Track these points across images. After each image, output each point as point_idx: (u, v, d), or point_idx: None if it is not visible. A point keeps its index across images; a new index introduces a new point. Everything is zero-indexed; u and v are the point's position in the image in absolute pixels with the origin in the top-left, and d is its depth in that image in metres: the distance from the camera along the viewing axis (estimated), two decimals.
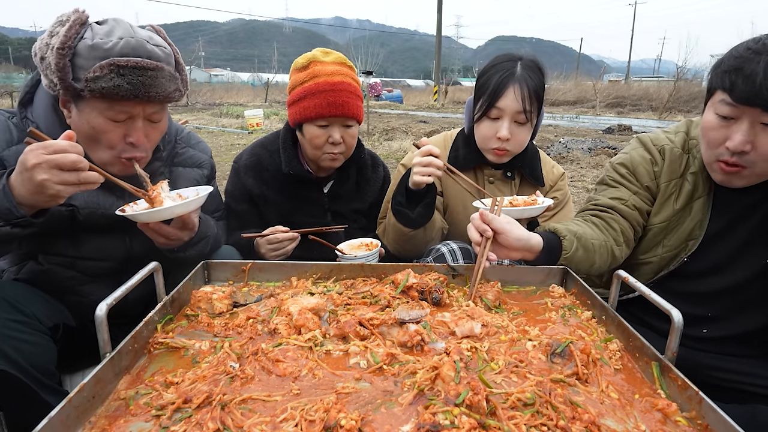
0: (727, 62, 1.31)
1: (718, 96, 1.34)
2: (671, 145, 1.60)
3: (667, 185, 1.58)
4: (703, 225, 1.53)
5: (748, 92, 1.24)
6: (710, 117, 1.38)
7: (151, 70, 1.34)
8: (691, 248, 1.54)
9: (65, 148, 1.13)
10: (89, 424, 0.91)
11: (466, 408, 0.89)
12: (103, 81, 1.28)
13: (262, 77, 35.67)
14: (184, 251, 1.59)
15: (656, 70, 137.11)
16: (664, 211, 1.58)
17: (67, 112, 1.41)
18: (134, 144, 1.42)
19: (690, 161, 1.56)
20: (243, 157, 2.15)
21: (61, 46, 1.27)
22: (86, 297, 1.57)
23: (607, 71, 74.88)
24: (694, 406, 0.97)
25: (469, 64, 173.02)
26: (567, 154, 8.82)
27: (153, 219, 1.40)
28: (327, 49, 2.06)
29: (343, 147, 2.00)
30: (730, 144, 1.32)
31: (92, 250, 1.54)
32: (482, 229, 1.39)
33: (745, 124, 1.29)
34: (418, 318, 1.25)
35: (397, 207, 1.84)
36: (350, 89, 1.94)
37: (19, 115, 1.47)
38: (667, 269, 1.59)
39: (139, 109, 1.39)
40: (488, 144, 1.84)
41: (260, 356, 1.09)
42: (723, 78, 1.31)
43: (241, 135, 12.12)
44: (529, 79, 1.75)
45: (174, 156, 1.72)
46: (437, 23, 35.89)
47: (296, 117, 1.98)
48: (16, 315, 1.30)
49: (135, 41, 1.34)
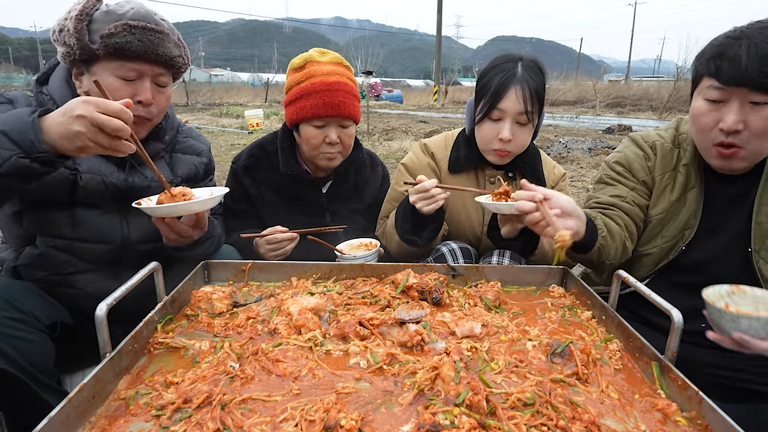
0: (710, 50, 1.38)
1: (705, 83, 1.40)
2: (661, 140, 1.67)
3: (662, 178, 1.64)
4: (697, 215, 1.58)
5: (734, 73, 1.30)
6: (699, 103, 1.43)
7: (159, 32, 1.48)
8: (688, 237, 1.59)
9: (116, 112, 1.15)
10: (89, 424, 0.91)
11: (466, 408, 0.89)
12: (117, 37, 1.41)
13: (262, 77, 35.65)
14: (191, 250, 1.61)
15: (656, 70, 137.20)
16: (661, 203, 1.63)
17: (79, 83, 1.51)
18: (143, 103, 1.51)
19: (681, 154, 1.63)
20: (241, 158, 2.16)
21: (79, 14, 1.41)
22: (81, 289, 1.58)
23: (607, 71, 74.90)
24: (694, 406, 0.97)
25: (469, 64, 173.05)
26: (567, 154, 8.82)
27: (171, 214, 1.43)
28: (324, 49, 2.06)
29: (340, 147, 2.00)
30: (724, 125, 1.36)
31: (89, 232, 1.56)
32: (531, 196, 1.37)
33: (735, 104, 1.34)
34: (418, 318, 1.25)
35: (405, 235, 1.84)
36: (346, 89, 1.94)
37: (35, 91, 1.57)
38: (666, 259, 1.62)
39: (148, 68, 1.50)
40: (490, 145, 1.84)
41: (260, 356, 1.09)
42: (708, 65, 1.37)
43: (241, 135, 12.11)
44: (530, 79, 1.75)
45: (175, 143, 1.79)
46: (437, 23, 35.90)
47: (293, 117, 1.98)
48: (13, 313, 1.30)
49: (144, 11, 1.50)
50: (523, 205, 1.38)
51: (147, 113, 1.53)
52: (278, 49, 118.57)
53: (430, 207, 1.70)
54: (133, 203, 1.44)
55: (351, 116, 1.97)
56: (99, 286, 1.57)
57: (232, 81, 59.95)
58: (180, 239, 1.54)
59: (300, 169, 2.09)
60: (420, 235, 1.83)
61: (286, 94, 2.02)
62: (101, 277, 1.60)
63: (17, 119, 1.15)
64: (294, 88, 1.97)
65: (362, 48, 60.49)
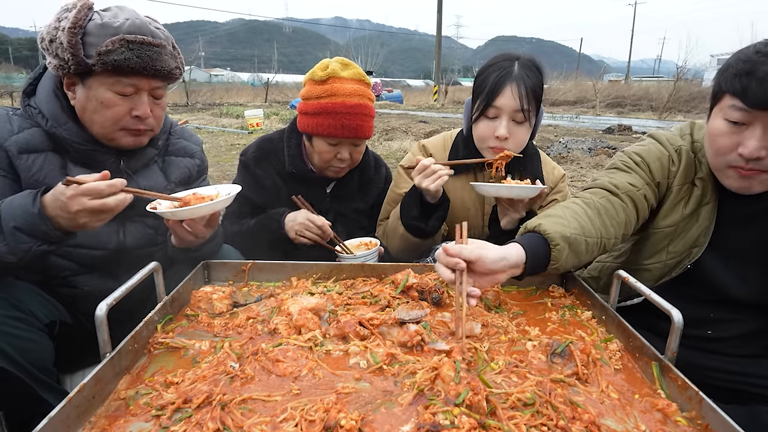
0: (736, 66, 1.25)
1: (728, 101, 1.27)
2: (687, 147, 1.53)
3: (680, 189, 1.51)
4: (708, 233, 1.48)
5: (763, 96, 1.18)
6: (719, 123, 1.31)
7: (156, 46, 1.45)
8: (695, 255, 1.49)
9: (103, 191, 1.21)
10: (89, 424, 0.91)
11: (466, 408, 0.89)
12: (114, 54, 1.38)
13: (262, 77, 35.58)
14: (200, 249, 1.61)
15: (656, 70, 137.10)
16: (673, 215, 1.52)
17: (72, 94, 1.48)
18: (140, 117, 1.50)
19: (698, 166, 1.50)
20: (250, 150, 2.19)
21: (72, 26, 1.37)
22: (79, 288, 1.58)
23: (607, 71, 74.82)
24: (694, 406, 0.97)
25: (469, 64, 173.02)
26: (567, 154, 8.81)
27: (194, 215, 1.44)
28: (345, 59, 2.07)
29: (349, 162, 2.07)
30: (744, 151, 1.26)
31: (86, 238, 1.55)
32: (452, 263, 1.17)
33: (759, 129, 1.23)
34: (418, 318, 1.25)
35: (411, 222, 1.85)
36: (365, 111, 1.99)
37: (22, 103, 1.54)
38: (669, 276, 1.55)
39: (145, 82, 1.48)
40: (486, 143, 1.83)
41: (260, 356, 1.09)
42: (733, 82, 1.24)
43: (241, 135, 12.11)
44: (527, 77, 1.75)
45: (168, 146, 1.79)
46: (437, 23, 35.89)
47: (308, 128, 2.02)
48: (12, 311, 1.30)
49: (140, 21, 1.46)
50: (441, 272, 1.20)
51: (145, 126, 1.53)
52: (278, 49, 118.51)
53: (435, 184, 1.72)
54: (148, 207, 1.43)
55: (365, 137, 2.04)
56: (96, 284, 1.58)
57: (232, 81, 59.95)
58: (195, 240, 1.54)
59: (305, 168, 2.12)
60: (426, 223, 1.84)
61: (303, 100, 2.04)
62: (98, 277, 1.60)
63: (24, 213, 1.23)
64: (314, 101, 1.99)
65: (362, 48, 60.46)
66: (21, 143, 1.44)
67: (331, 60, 2.05)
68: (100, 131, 1.49)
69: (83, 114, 1.47)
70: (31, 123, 1.48)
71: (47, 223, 1.23)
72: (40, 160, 1.46)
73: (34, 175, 1.45)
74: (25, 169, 1.44)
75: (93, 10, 1.44)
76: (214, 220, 1.55)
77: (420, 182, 1.74)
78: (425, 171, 1.73)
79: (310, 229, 1.92)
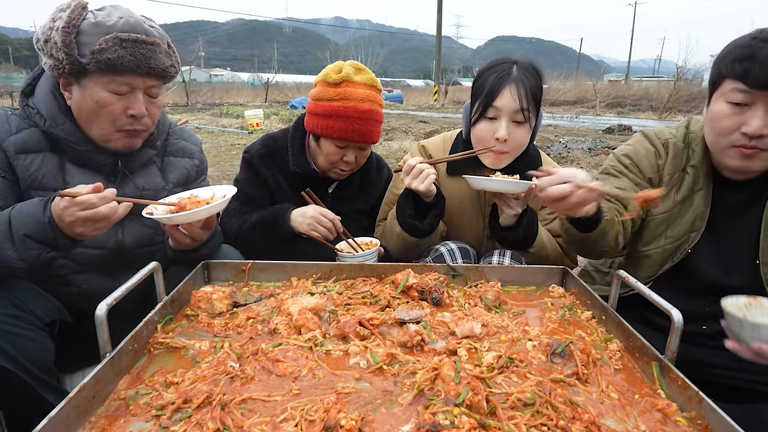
0: (734, 52, 1.35)
1: (729, 85, 1.36)
2: (674, 138, 1.63)
3: (670, 177, 1.61)
4: (704, 217, 1.55)
5: (763, 77, 1.28)
6: (720, 106, 1.39)
7: (150, 44, 1.44)
8: (694, 239, 1.56)
9: (95, 203, 1.22)
10: (89, 424, 0.91)
11: (466, 408, 0.89)
12: (108, 53, 1.38)
13: (262, 77, 35.55)
14: (198, 250, 1.61)
15: (656, 70, 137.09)
16: (665, 202, 1.61)
17: (68, 94, 1.47)
18: (136, 116, 1.49)
19: (690, 154, 1.60)
20: (255, 147, 2.19)
21: (66, 25, 1.37)
22: (78, 286, 1.58)
23: (607, 71, 74.81)
24: (694, 406, 0.97)
25: (469, 64, 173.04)
26: (567, 154, 8.82)
27: (189, 220, 1.44)
28: (358, 63, 2.07)
29: (354, 165, 2.08)
30: (749, 129, 1.33)
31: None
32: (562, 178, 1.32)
33: (761, 108, 1.32)
34: (418, 318, 1.25)
35: (406, 220, 1.85)
36: (376, 117, 2.01)
37: (20, 103, 1.54)
38: (671, 261, 1.60)
39: (140, 81, 1.47)
40: (486, 144, 1.83)
41: (260, 356, 1.09)
42: (734, 66, 1.34)
43: (241, 135, 12.11)
44: (526, 79, 1.76)
45: (167, 146, 1.78)
46: (437, 23, 35.88)
47: (317, 129, 2.02)
48: (12, 310, 1.30)
49: (134, 20, 1.45)
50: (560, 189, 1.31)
51: (141, 125, 1.52)
52: (278, 49, 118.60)
53: (425, 183, 1.73)
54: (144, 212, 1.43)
55: (373, 142, 2.05)
56: (95, 283, 1.58)
57: (232, 81, 59.89)
58: (193, 242, 1.54)
59: (309, 167, 2.13)
60: (422, 221, 1.84)
61: (314, 101, 2.04)
62: (97, 275, 1.60)
63: (34, 221, 1.25)
64: (325, 103, 1.99)
65: (362, 48, 60.46)
66: (19, 143, 1.44)
67: (344, 63, 2.05)
68: (96, 133, 1.49)
69: (80, 114, 1.47)
70: (29, 123, 1.48)
71: (56, 230, 1.25)
72: (38, 161, 1.46)
73: (32, 175, 1.45)
74: (23, 169, 1.44)
75: (87, 9, 1.44)
76: (210, 222, 1.55)
77: (410, 183, 1.75)
78: (412, 172, 1.74)
79: (322, 223, 1.92)
